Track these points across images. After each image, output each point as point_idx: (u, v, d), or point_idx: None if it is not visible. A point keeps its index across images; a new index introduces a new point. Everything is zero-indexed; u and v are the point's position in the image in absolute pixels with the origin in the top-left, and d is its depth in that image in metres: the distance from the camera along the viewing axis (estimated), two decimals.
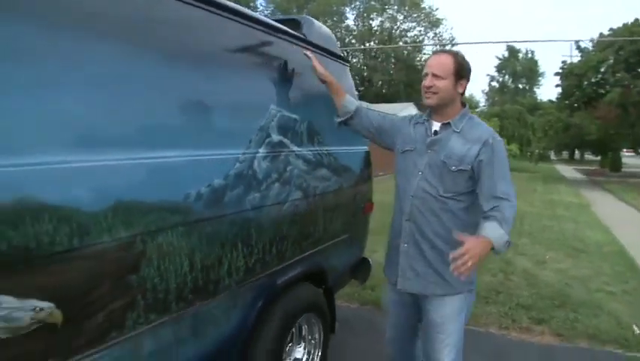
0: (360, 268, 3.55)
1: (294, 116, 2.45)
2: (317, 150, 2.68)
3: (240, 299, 2.12)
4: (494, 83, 62.39)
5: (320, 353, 2.85)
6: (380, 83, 44.71)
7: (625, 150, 31.17)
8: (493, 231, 1.89)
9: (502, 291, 5.01)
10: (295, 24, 2.93)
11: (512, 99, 50.45)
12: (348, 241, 3.23)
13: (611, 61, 22.44)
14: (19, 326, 1.21)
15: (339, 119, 2.51)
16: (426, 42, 47.42)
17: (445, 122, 2.17)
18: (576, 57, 26.27)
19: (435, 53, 2.27)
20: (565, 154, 48.89)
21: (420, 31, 47.87)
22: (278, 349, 2.39)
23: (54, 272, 1.31)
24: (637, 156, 29.57)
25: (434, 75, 2.10)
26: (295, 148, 2.45)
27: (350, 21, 46.46)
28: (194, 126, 1.82)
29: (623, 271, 6.00)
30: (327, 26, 2.73)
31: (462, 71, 2.13)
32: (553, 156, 44.65)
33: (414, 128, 2.28)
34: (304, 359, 2.77)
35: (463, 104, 2.22)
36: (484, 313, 4.32)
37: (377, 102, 27.42)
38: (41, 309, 1.26)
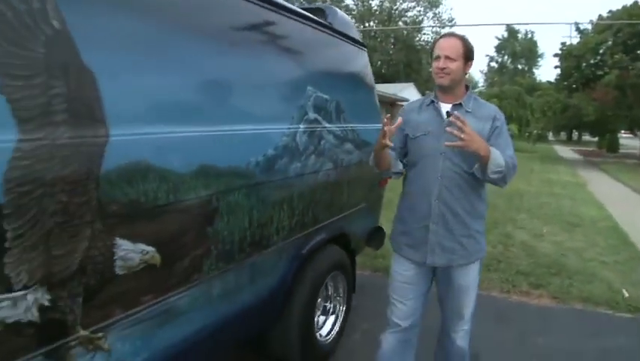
0: (375, 236, 3.89)
1: (325, 96, 2.78)
2: (343, 127, 3.01)
3: (284, 255, 2.47)
4: (493, 64, 62.37)
5: (344, 309, 3.23)
6: (379, 63, 44.69)
7: (623, 131, 31.44)
8: (496, 151, 2.12)
9: (502, 260, 5.39)
10: (320, 12, 3.24)
11: (511, 80, 50.42)
12: (365, 210, 3.58)
13: (610, 43, 22.61)
14: (131, 265, 1.56)
15: (394, 175, 2.44)
16: (425, 22, 47.30)
17: (457, 102, 2.27)
18: (575, 38, 26.45)
19: (444, 35, 2.32)
20: (563, 135, 49.12)
21: (419, 11, 47.73)
22: (312, 301, 2.76)
23: (155, 222, 1.65)
24: (634, 137, 29.80)
25: (447, 57, 2.19)
26: (326, 124, 2.79)
27: (349, 0, 46.25)
28: (254, 105, 2.17)
29: (615, 244, 6.38)
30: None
31: (469, 53, 2.25)
32: (551, 137, 44.90)
33: (420, 113, 2.35)
34: (331, 313, 3.14)
35: (467, 87, 2.34)
36: (486, 279, 4.69)
37: (377, 83, 27.53)
38: (147, 252, 1.60)
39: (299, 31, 2.66)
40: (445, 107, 2.27)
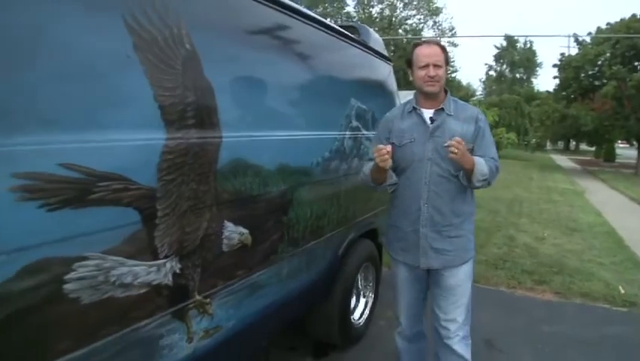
0: None
1: (363, 106, 3.17)
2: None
3: (331, 245, 2.86)
4: (492, 73, 62.86)
5: (372, 295, 3.61)
6: None
7: (619, 141, 31.91)
8: (481, 161, 2.22)
9: (507, 260, 5.79)
10: (353, 29, 3.62)
11: (510, 88, 50.93)
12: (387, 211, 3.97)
13: (608, 55, 23.05)
14: (232, 243, 1.93)
15: (389, 187, 2.45)
16: (425, 30, 47.66)
17: (438, 108, 2.32)
18: (574, 48, 26.92)
19: (423, 43, 2.32)
20: (560, 144, 49.64)
21: (419, 19, 48.17)
22: (350, 287, 3.15)
23: (249, 209, 2.03)
24: (631, 147, 30.28)
25: (435, 65, 2.24)
26: (364, 132, 3.18)
27: (350, 8, 46.68)
28: (317, 114, 2.56)
29: (612, 248, 6.79)
30: (328, 13, 3.27)
31: (448, 59, 2.32)
32: (548, 146, 45.42)
33: (403, 121, 2.39)
34: (362, 299, 3.53)
35: (445, 90, 2.38)
36: (494, 276, 5.10)
37: None
38: (243, 234, 1.98)
39: (346, 51, 3.07)
40: (428, 113, 2.33)
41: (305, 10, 2.53)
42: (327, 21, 2.90)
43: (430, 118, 2.32)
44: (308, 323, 3.10)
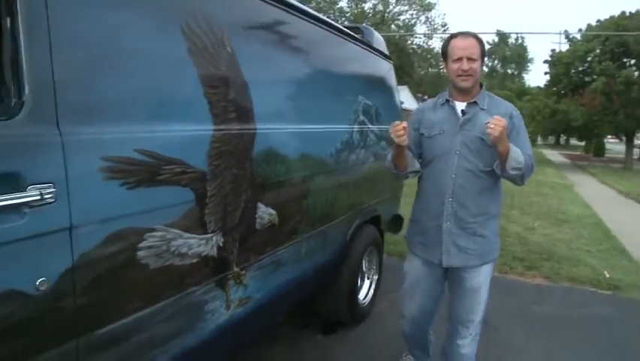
0: (395, 222, 4.54)
1: (369, 102, 3.44)
2: (379, 128, 3.66)
3: (342, 229, 3.12)
4: (484, 68, 63.13)
5: (376, 278, 3.89)
6: None
7: (609, 136, 32.39)
8: (516, 149, 2.12)
9: (500, 248, 6.06)
10: (358, 30, 3.88)
11: (501, 84, 51.36)
12: (390, 198, 4.24)
13: (598, 51, 23.44)
14: (263, 222, 2.20)
15: (411, 175, 2.43)
16: (417, 26, 47.82)
17: (471, 101, 2.26)
18: (564, 44, 27.35)
19: (459, 35, 2.26)
20: (550, 139, 50.13)
21: (412, 14, 48.34)
22: (357, 268, 3.42)
23: (277, 192, 2.29)
24: (620, 142, 30.76)
25: (469, 58, 2.17)
26: (369, 125, 3.44)
27: (343, 3, 46.75)
28: (331, 109, 2.83)
29: (599, 237, 7.11)
30: (320, 8, 3.44)
31: (484, 52, 2.25)
32: (539, 141, 45.87)
33: (435, 112, 2.36)
34: (367, 280, 3.81)
35: (480, 84, 2.31)
36: None
37: None
38: (272, 214, 2.24)
39: (355, 52, 3.34)
40: (460, 106, 2.27)
41: (321, 16, 2.79)
42: (337, 24, 3.16)
43: (462, 111, 2.26)
44: (319, 302, 3.37)
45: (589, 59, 23.97)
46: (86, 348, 1.39)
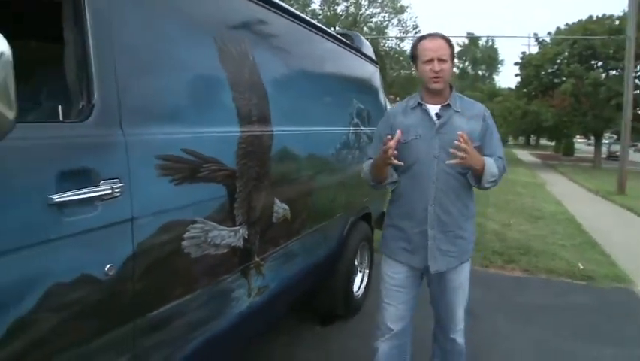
0: (382, 218, 4.75)
1: (361, 105, 3.65)
2: (370, 129, 3.88)
3: (339, 224, 3.33)
4: (455, 70, 63.99)
5: (368, 271, 4.11)
6: None
7: (578, 136, 33.32)
8: (490, 162, 2.16)
9: (479, 243, 6.31)
10: (348, 37, 4.09)
11: (472, 85, 52.19)
12: (378, 197, 4.46)
13: (567, 54, 24.20)
14: (278, 217, 2.38)
15: (389, 185, 2.38)
16: (390, 28, 48.19)
17: (445, 103, 2.23)
18: (534, 46, 28.09)
19: (428, 36, 2.24)
20: (521, 139, 51.19)
21: (384, 17, 48.76)
22: (352, 262, 3.62)
23: (289, 189, 2.49)
24: (588, 142, 31.69)
25: (440, 60, 2.14)
26: (362, 127, 3.66)
27: (316, 5, 46.96)
28: (332, 113, 3.03)
29: (572, 232, 7.48)
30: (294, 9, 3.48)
31: (454, 53, 2.24)
32: (510, 141, 46.83)
33: (406, 116, 2.30)
34: (359, 273, 4.02)
35: (450, 86, 2.29)
36: None
37: None
38: (285, 209, 2.43)
39: (349, 58, 3.56)
40: (434, 109, 2.23)
41: (324, 27, 2.99)
42: (333, 32, 3.37)
43: (437, 114, 2.23)
44: (317, 296, 3.56)
45: (558, 61, 24.76)
46: (140, 330, 1.56)
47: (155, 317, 1.62)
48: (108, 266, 1.39)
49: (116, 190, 1.39)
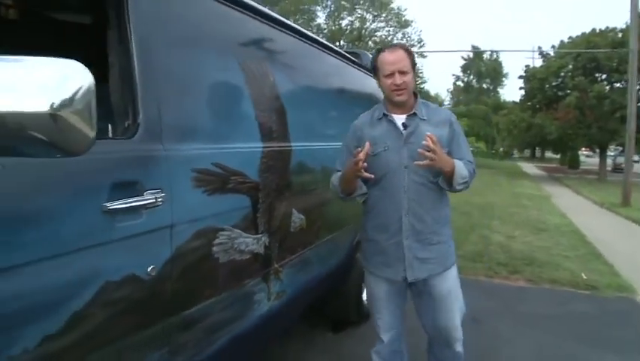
0: None
1: None
2: None
3: (349, 235, 3.48)
4: (459, 83, 64.46)
5: None
6: None
7: (583, 148, 33.42)
8: (460, 164, 2.19)
9: (484, 255, 6.52)
10: (356, 55, 4.28)
11: (477, 98, 52.40)
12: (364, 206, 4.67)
13: (571, 67, 24.37)
14: (295, 226, 2.55)
15: (358, 197, 2.41)
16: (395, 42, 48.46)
17: (410, 113, 2.24)
18: (538, 59, 28.37)
19: (386, 48, 2.25)
20: (526, 152, 51.26)
21: (388, 31, 49.11)
22: (362, 271, 3.75)
23: (305, 200, 2.66)
24: (594, 154, 31.78)
25: (400, 72, 2.15)
26: None
27: (321, 20, 47.34)
28: (341, 129, 3.19)
29: (576, 244, 7.61)
30: (299, 24, 3.51)
31: (414, 61, 2.23)
32: (515, 154, 46.91)
33: (373, 128, 2.31)
34: None
35: (415, 94, 2.30)
36: (473, 268, 5.82)
37: None
38: (302, 218, 2.60)
39: (357, 76, 3.75)
40: (400, 119, 2.25)
41: (337, 48, 3.18)
42: (343, 51, 3.56)
43: (403, 124, 2.24)
44: (330, 304, 3.72)
45: (562, 74, 24.89)
46: (175, 327, 1.72)
47: (188, 315, 1.78)
48: (150, 267, 1.56)
49: (159, 200, 1.56)
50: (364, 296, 4.00)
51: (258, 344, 2.44)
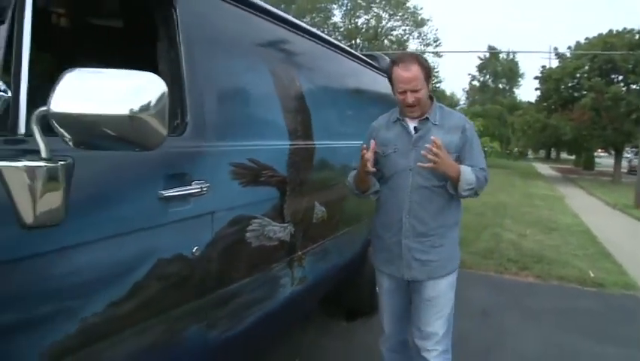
0: None
1: None
2: None
3: (364, 228, 3.70)
4: (475, 82, 64.13)
5: None
6: None
7: (599, 150, 33.26)
8: (467, 170, 2.19)
9: (495, 252, 6.70)
10: (373, 58, 4.49)
11: (492, 98, 52.13)
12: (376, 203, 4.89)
13: (587, 68, 24.30)
14: (316, 217, 2.78)
15: (372, 195, 2.50)
16: (410, 41, 48.45)
17: (423, 118, 2.29)
18: (554, 60, 28.31)
19: (400, 63, 2.24)
20: (541, 153, 51.01)
21: (404, 30, 49.00)
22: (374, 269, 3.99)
23: (326, 194, 2.88)
24: (609, 156, 31.64)
25: (413, 91, 2.20)
26: None
27: (337, 18, 47.39)
28: (360, 128, 3.41)
29: (586, 243, 7.77)
30: (315, 23, 3.57)
31: (429, 72, 2.25)
32: (530, 155, 46.73)
33: (388, 130, 2.41)
34: None
35: (431, 97, 2.33)
36: (484, 264, 6.02)
37: None
38: (323, 211, 2.83)
39: (374, 78, 3.97)
40: (412, 123, 2.31)
41: (356, 52, 3.39)
42: (361, 54, 3.78)
43: (415, 128, 2.31)
44: (345, 294, 3.94)
45: (578, 75, 24.82)
46: (213, 303, 1.96)
47: (224, 293, 2.02)
48: (195, 248, 1.80)
49: (204, 189, 1.80)
50: (377, 288, 4.24)
51: (281, 325, 2.68)
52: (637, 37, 22.76)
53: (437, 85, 40.72)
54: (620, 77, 23.73)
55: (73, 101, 1.12)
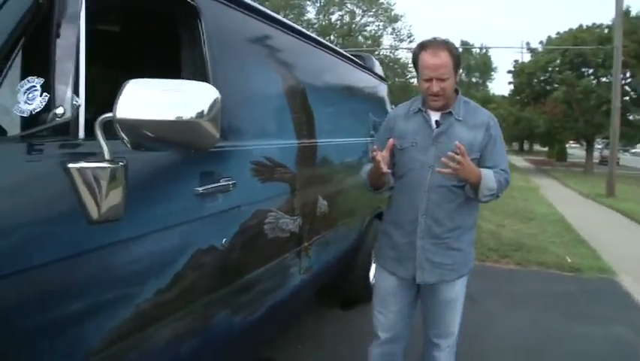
0: None
1: (376, 119, 4.25)
2: None
3: (359, 221, 3.92)
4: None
5: None
6: None
7: (570, 141, 34.05)
8: (488, 175, 2.03)
9: (476, 242, 6.89)
10: (360, 58, 4.70)
11: (466, 92, 52.29)
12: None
13: (558, 62, 24.94)
14: (320, 210, 2.98)
15: (386, 192, 2.36)
16: (384, 37, 48.62)
17: (446, 111, 2.12)
18: (527, 54, 28.92)
19: (429, 47, 2.05)
20: (515, 145, 51.92)
21: (378, 26, 49.07)
22: (369, 254, 4.21)
23: (327, 189, 3.09)
24: (581, 147, 32.43)
25: (439, 79, 2.02)
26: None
27: (311, 14, 47.29)
28: (358, 127, 3.64)
29: (561, 231, 8.15)
30: (289, 19, 3.55)
31: (458, 61, 2.08)
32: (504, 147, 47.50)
33: (407, 121, 2.21)
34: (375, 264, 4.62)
35: (456, 90, 2.16)
36: None
37: None
38: (326, 204, 3.03)
39: (364, 78, 4.19)
40: (434, 116, 2.14)
41: (351, 55, 3.60)
42: (350, 55, 3.99)
43: (436, 121, 2.13)
44: (341, 283, 4.14)
45: (550, 69, 25.45)
46: (238, 290, 2.14)
47: (246, 281, 2.21)
48: (224, 240, 1.98)
49: (230, 185, 1.99)
50: (371, 278, 4.45)
51: (289, 311, 2.88)
52: (606, 31, 23.40)
53: (412, 80, 41.05)
54: (591, 71, 24.45)
55: (136, 108, 1.27)
